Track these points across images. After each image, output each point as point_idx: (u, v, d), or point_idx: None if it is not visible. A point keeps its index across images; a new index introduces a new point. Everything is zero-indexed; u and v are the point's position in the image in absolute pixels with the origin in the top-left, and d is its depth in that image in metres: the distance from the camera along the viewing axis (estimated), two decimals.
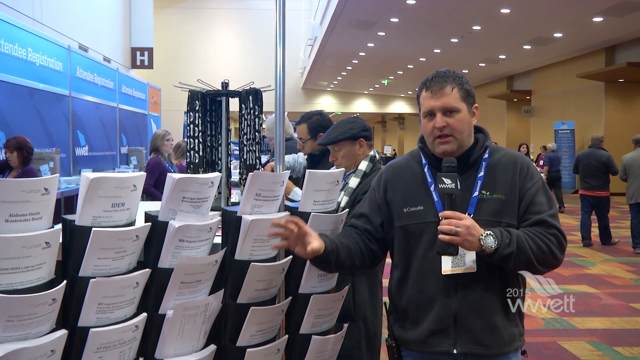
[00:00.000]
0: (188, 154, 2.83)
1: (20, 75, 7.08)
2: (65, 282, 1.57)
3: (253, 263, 1.87)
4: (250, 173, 1.89)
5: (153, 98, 14.55)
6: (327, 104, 27.91)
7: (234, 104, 2.89)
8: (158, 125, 14.22)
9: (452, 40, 15.34)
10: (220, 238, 1.95)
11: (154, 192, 5.40)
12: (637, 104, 16.55)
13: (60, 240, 1.59)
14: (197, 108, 2.78)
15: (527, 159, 1.86)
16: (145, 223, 1.74)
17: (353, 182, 2.65)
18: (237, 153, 3.49)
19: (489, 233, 1.65)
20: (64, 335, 1.55)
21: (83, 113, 9.25)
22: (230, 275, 1.90)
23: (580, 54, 16.76)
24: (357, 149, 2.72)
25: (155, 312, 1.76)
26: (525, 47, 15.82)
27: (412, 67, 20.12)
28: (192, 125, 2.79)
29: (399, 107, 31.02)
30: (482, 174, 1.79)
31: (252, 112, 2.77)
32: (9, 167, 5.20)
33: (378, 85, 26.81)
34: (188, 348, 1.82)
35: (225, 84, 2.85)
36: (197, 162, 2.81)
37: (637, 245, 8.33)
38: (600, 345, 4.53)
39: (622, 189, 9.60)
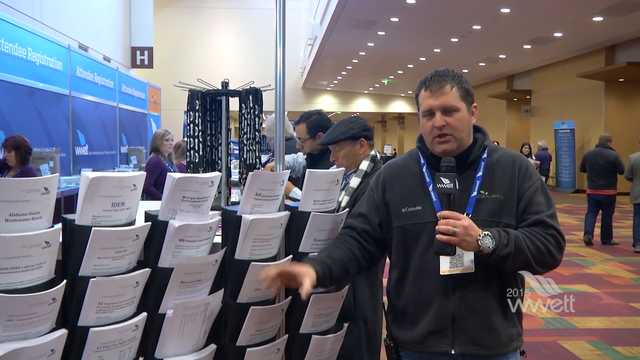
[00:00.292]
0: (188, 154, 2.83)
1: (20, 75, 7.08)
2: (65, 281, 1.57)
3: (253, 262, 1.87)
4: (250, 172, 1.89)
5: (153, 97, 14.56)
6: (327, 104, 27.91)
7: (234, 104, 2.89)
8: (158, 125, 14.22)
9: (452, 40, 15.34)
10: (220, 237, 1.95)
11: (154, 191, 5.40)
12: (637, 104, 16.55)
13: (60, 240, 1.59)
14: (197, 107, 2.77)
15: (525, 159, 1.85)
16: (145, 222, 1.74)
17: (354, 181, 2.65)
18: (237, 152, 3.48)
19: (487, 233, 1.64)
20: (64, 335, 1.55)
21: (83, 112, 9.25)
22: (230, 275, 1.90)
23: (580, 54, 16.76)
24: (357, 149, 2.71)
25: (155, 311, 1.76)
26: (525, 46, 15.82)
27: (412, 66, 20.12)
28: (192, 125, 2.79)
29: (399, 106, 31.01)
30: (480, 174, 1.78)
31: (252, 111, 2.77)
32: (8, 166, 5.20)
33: (378, 85, 26.79)
34: (188, 348, 1.82)
35: (225, 84, 2.85)
36: (197, 161, 2.81)
37: (637, 243, 8.36)
38: (600, 345, 4.53)
39: (624, 189, 9.62)
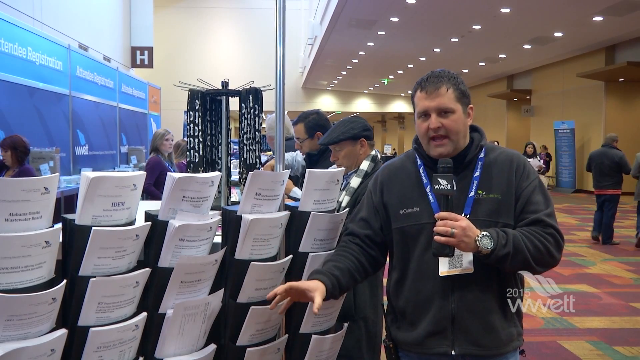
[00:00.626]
0: (188, 153, 2.83)
1: (20, 75, 7.08)
2: (65, 281, 1.57)
3: (253, 262, 1.87)
4: (250, 172, 1.89)
5: (153, 97, 14.56)
6: (327, 104, 27.92)
7: (234, 103, 2.89)
8: (158, 125, 14.22)
9: (452, 40, 15.34)
10: (220, 237, 1.95)
11: (154, 191, 5.40)
12: (637, 104, 16.56)
13: (60, 240, 1.59)
14: (197, 107, 2.77)
15: (523, 158, 1.84)
16: (145, 222, 1.74)
17: (355, 181, 2.65)
18: (237, 152, 3.48)
19: (485, 234, 1.63)
20: (64, 335, 1.55)
21: (83, 112, 9.25)
22: (230, 275, 1.90)
23: (580, 54, 16.77)
24: (358, 149, 2.71)
25: (155, 311, 1.76)
26: (526, 46, 15.82)
27: (412, 66, 20.12)
28: (192, 125, 2.79)
29: (399, 106, 31.01)
30: (478, 174, 1.77)
31: (252, 111, 2.77)
32: (5, 166, 5.20)
33: (378, 85, 26.79)
34: (188, 347, 1.82)
35: (225, 83, 2.85)
36: (197, 161, 2.81)
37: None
38: (600, 345, 4.53)
39: (627, 189, 9.64)
